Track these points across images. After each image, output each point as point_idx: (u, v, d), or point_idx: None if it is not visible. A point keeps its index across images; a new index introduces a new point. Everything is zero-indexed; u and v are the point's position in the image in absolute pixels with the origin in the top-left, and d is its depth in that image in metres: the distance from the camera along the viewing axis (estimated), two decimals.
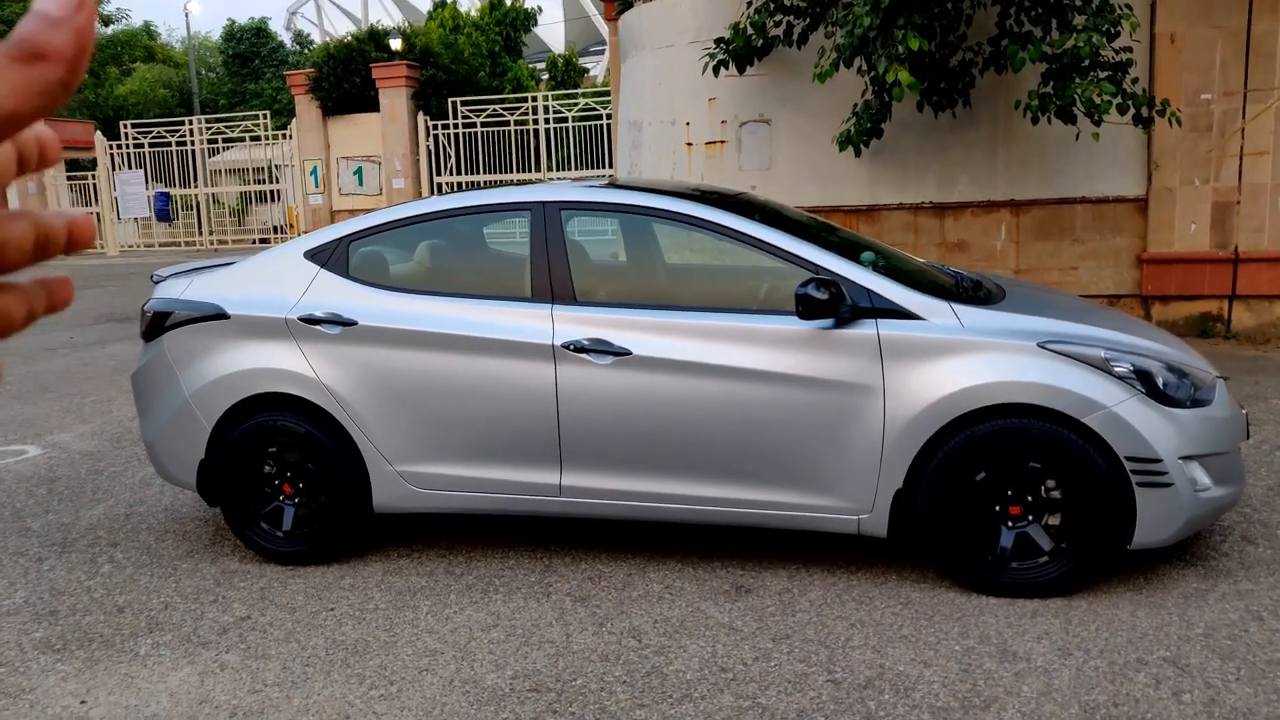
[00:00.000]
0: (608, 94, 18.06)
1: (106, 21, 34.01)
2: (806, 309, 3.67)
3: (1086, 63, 6.97)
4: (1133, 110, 7.19)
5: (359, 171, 21.93)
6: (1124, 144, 8.27)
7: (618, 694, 3.16)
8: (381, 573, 4.17)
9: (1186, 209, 8.31)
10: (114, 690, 3.31)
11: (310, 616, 3.79)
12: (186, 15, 36.21)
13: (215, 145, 24.09)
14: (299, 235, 4.81)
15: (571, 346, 3.92)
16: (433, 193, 19.99)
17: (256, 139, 23.24)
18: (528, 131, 20.09)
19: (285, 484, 4.30)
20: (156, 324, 4.42)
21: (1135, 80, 7.52)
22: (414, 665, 3.39)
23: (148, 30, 38.28)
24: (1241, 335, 8.35)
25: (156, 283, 4.61)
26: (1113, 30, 7.02)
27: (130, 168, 23.87)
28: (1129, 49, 7.44)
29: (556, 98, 20.57)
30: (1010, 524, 3.73)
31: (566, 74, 30.07)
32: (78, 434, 6.72)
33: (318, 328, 4.17)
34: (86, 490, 5.47)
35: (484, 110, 20.30)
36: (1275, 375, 7.07)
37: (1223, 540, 4.20)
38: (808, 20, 8.19)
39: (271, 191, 23.65)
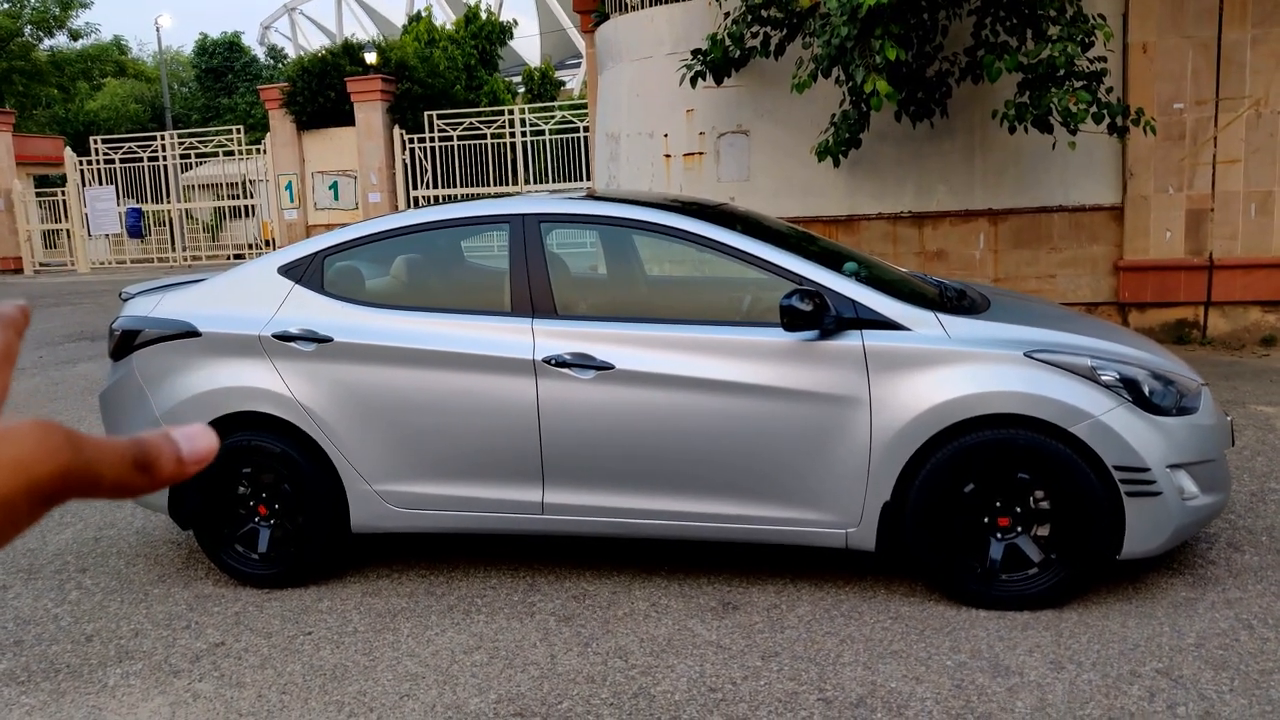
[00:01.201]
0: (584, 107, 18.05)
1: (75, 36, 33.65)
2: (791, 320, 3.62)
3: (1062, 72, 7.01)
4: (1108, 119, 7.22)
5: (334, 186, 21.78)
6: (1099, 153, 8.31)
7: (604, 717, 3.08)
8: (360, 594, 4.08)
9: (1161, 216, 8.36)
10: None
11: (287, 641, 3.69)
12: (158, 30, 35.88)
13: (188, 160, 23.88)
14: (274, 251, 4.72)
15: (553, 361, 3.86)
16: (409, 207, 19.88)
17: (230, 154, 23.04)
18: (504, 145, 20.03)
19: (260, 505, 4.20)
20: (125, 342, 4.31)
21: (1110, 90, 7.55)
22: (395, 690, 3.30)
23: (118, 45, 37.92)
24: (1217, 341, 8.40)
25: (125, 300, 4.51)
26: (1087, 40, 7.06)
27: (101, 184, 23.60)
28: (1103, 59, 7.48)
29: (533, 111, 20.53)
30: (999, 535, 3.69)
31: (543, 87, 30.04)
32: None
33: (292, 345, 4.08)
34: (54, 514, 5.33)
35: (460, 124, 20.23)
36: (1252, 380, 7.10)
37: (1209, 548, 4.18)
38: (785, 31, 8.19)
39: (246, 207, 23.45)
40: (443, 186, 20.48)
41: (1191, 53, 8.14)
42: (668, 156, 9.38)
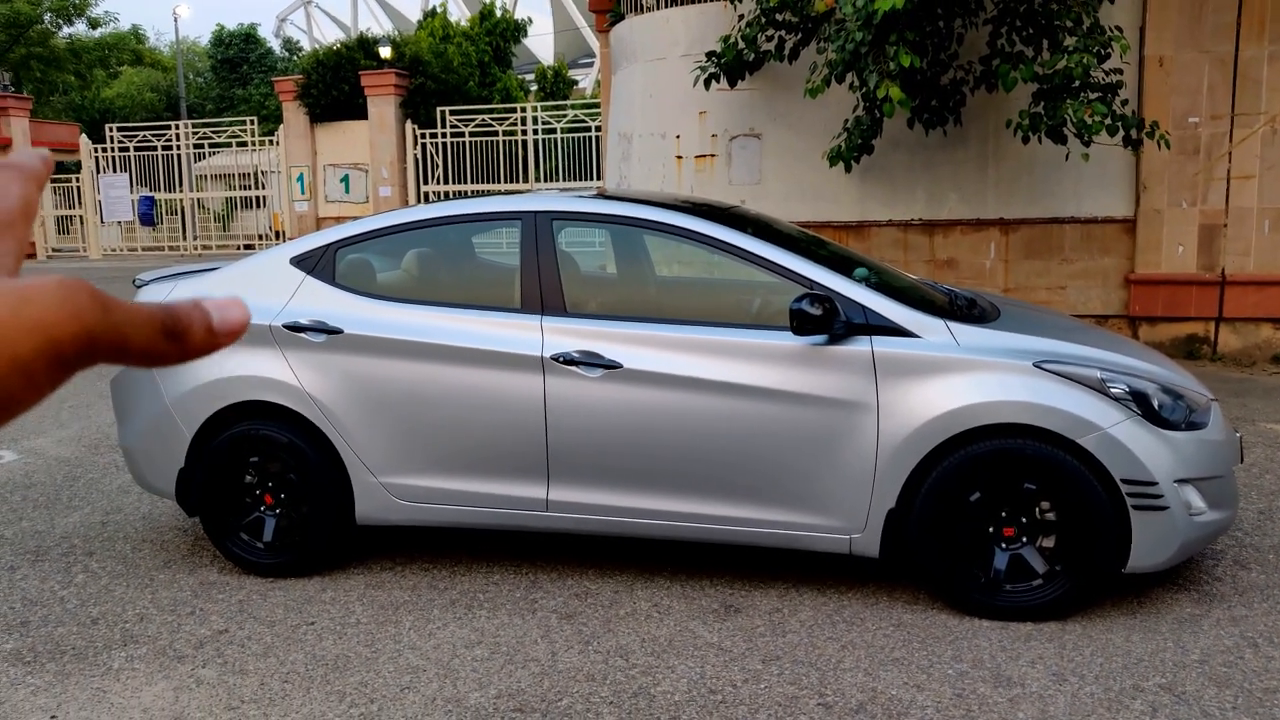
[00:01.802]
0: (597, 106, 18.07)
1: (94, 24, 33.79)
2: (800, 324, 3.62)
3: (1077, 84, 7.00)
4: (1122, 132, 7.21)
5: (346, 179, 21.83)
6: (1112, 165, 8.29)
7: (604, 715, 3.08)
8: (363, 586, 4.08)
9: (1174, 231, 8.33)
10: (85, 705, 3.22)
11: (290, 630, 3.70)
12: (175, 19, 36.02)
13: (201, 150, 23.94)
14: (284, 242, 4.73)
15: (561, 359, 3.86)
16: (419, 201, 19.91)
17: (243, 145, 23.09)
18: (516, 142, 20.04)
19: (266, 494, 4.22)
20: None
21: (1125, 102, 7.54)
22: (395, 683, 3.31)
23: (136, 34, 38.08)
24: (1227, 357, 8.37)
25: (139, 287, 4.53)
26: (1103, 52, 7.05)
27: (115, 171, 23.68)
28: (1119, 71, 7.47)
29: (545, 109, 20.54)
30: (1004, 545, 3.69)
31: (555, 85, 30.07)
32: (55, 439, 6.59)
33: (302, 335, 4.09)
34: (62, 497, 5.36)
35: (472, 120, 20.25)
36: (1262, 398, 7.07)
37: (1215, 565, 4.17)
38: (799, 35, 8.18)
39: (257, 198, 23.50)
40: (453, 182, 20.50)
41: (1208, 67, 8.12)
42: (679, 158, 9.38)
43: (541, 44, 43.35)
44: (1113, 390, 3.61)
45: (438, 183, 20.64)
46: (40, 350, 0.39)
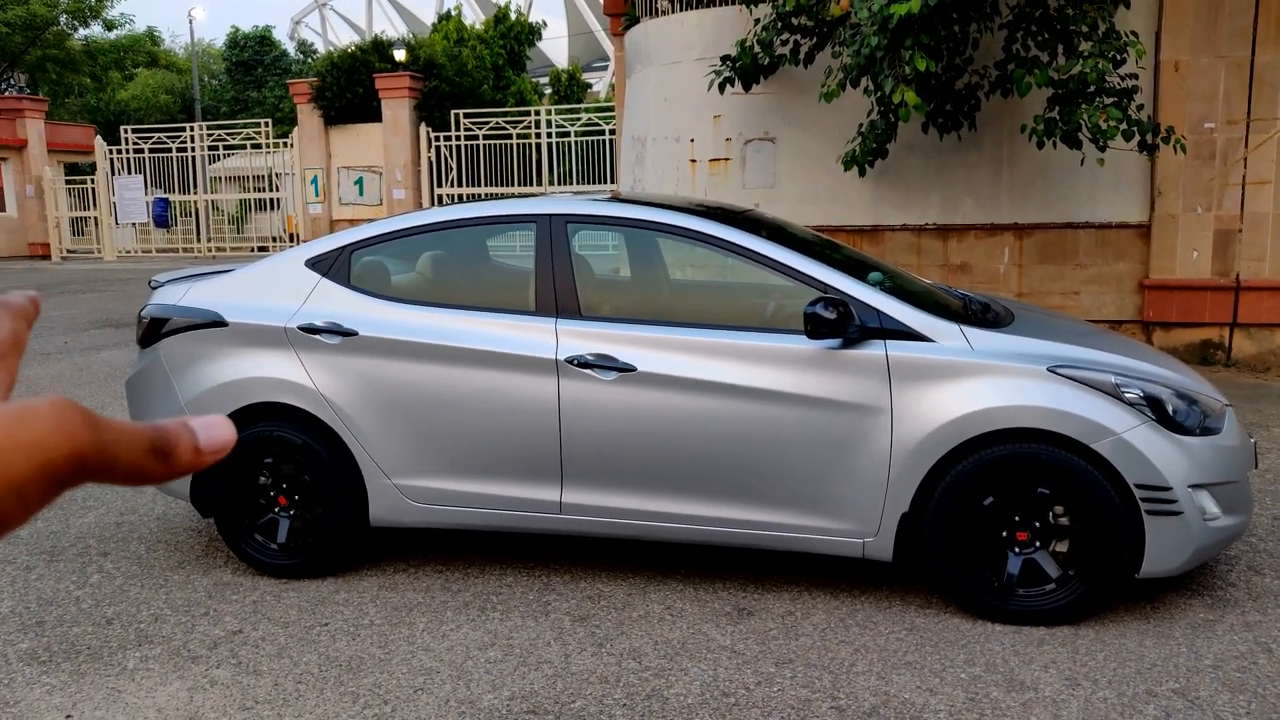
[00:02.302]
0: (611, 109, 18.10)
1: (110, 26, 34.02)
2: (814, 328, 3.62)
3: (1092, 88, 6.98)
4: (1138, 137, 7.18)
5: (360, 181, 21.92)
6: (1127, 170, 8.26)
7: (617, 717, 3.09)
8: (377, 588, 4.10)
9: (1189, 236, 8.30)
10: (100, 704, 3.24)
11: (304, 632, 3.72)
12: (190, 22, 36.25)
13: (216, 152, 24.07)
14: (299, 244, 4.76)
15: (575, 361, 3.87)
16: (433, 204, 19.97)
17: (257, 147, 23.22)
18: (530, 145, 20.09)
19: (281, 495, 4.24)
20: (153, 330, 4.36)
21: (1140, 107, 7.51)
22: (409, 684, 3.32)
23: (151, 36, 38.31)
24: (1242, 363, 8.33)
25: (154, 288, 4.56)
26: (1119, 57, 7.03)
27: (130, 173, 23.83)
28: (1134, 76, 7.44)
29: (560, 112, 20.59)
30: (1017, 550, 3.68)
31: (570, 89, 30.13)
32: None
33: (317, 337, 4.11)
34: (77, 498, 5.40)
35: (486, 123, 20.32)
36: (1277, 403, 7.04)
37: (1229, 570, 4.15)
38: (815, 40, 8.19)
39: (271, 200, 23.62)
40: (467, 185, 20.57)
41: (1224, 72, 8.08)
42: (693, 161, 9.39)
43: (556, 47, 43.44)
44: (1127, 395, 3.60)
45: (451, 185, 20.71)
46: (34, 471, 0.40)
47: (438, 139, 20.73)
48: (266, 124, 23.22)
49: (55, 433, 0.41)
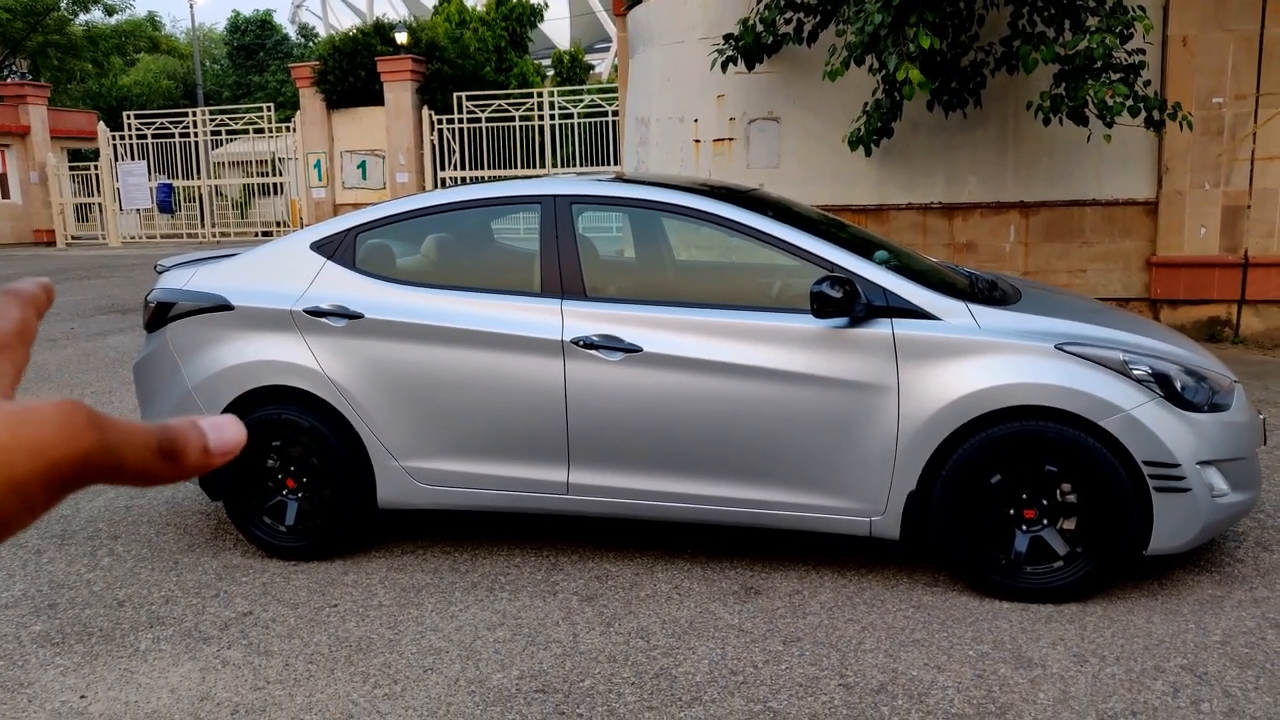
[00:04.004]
0: (614, 90, 18.02)
1: (110, 11, 33.91)
2: (821, 307, 3.61)
3: (1099, 64, 6.92)
4: (1144, 113, 7.13)
5: (363, 165, 21.88)
6: (1134, 146, 8.22)
7: (626, 696, 3.10)
8: (386, 569, 4.12)
9: (1196, 213, 8.26)
10: (114, 685, 3.26)
11: (313, 613, 3.74)
12: (191, 6, 36.11)
13: (219, 137, 24.04)
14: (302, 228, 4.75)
15: (581, 342, 3.87)
16: (436, 187, 19.95)
17: (260, 131, 23.18)
18: (533, 127, 20.03)
19: (289, 478, 4.25)
20: (160, 314, 4.36)
21: (1148, 83, 7.46)
22: (418, 664, 3.34)
23: (152, 21, 38.19)
24: (1250, 340, 8.30)
25: (160, 273, 4.56)
26: (1125, 32, 6.97)
27: (133, 159, 23.81)
28: (1142, 51, 7.38)
29: (562, 94, 20.51)
30: (1025, 528, 3.68)
31: (572, 70, 30.00)
32: None
33: (323, 320, 4.11)
34: None
35: (489, 105, 20.25)
36: None
37: (1237, 546, 4.15)
38: (818, 18, 8.13)
39: (275, 184, 23.60)
40: (470, 168, 20.52)
41: (1233, 47, 8.02)
42: (697, 142, 9.35)
43: (558, 28, 43.22)
44: (1135, 372, 3.59)
45: (454, 168, 20.66)
46: (38, 473, 0.39)
47: (440, 122, 20.67)
48: (269, 108, 23.17)
49: (60, 434, 0.40)
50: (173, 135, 23.64)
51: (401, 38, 21.92)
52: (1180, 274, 8.37)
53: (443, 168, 20.77)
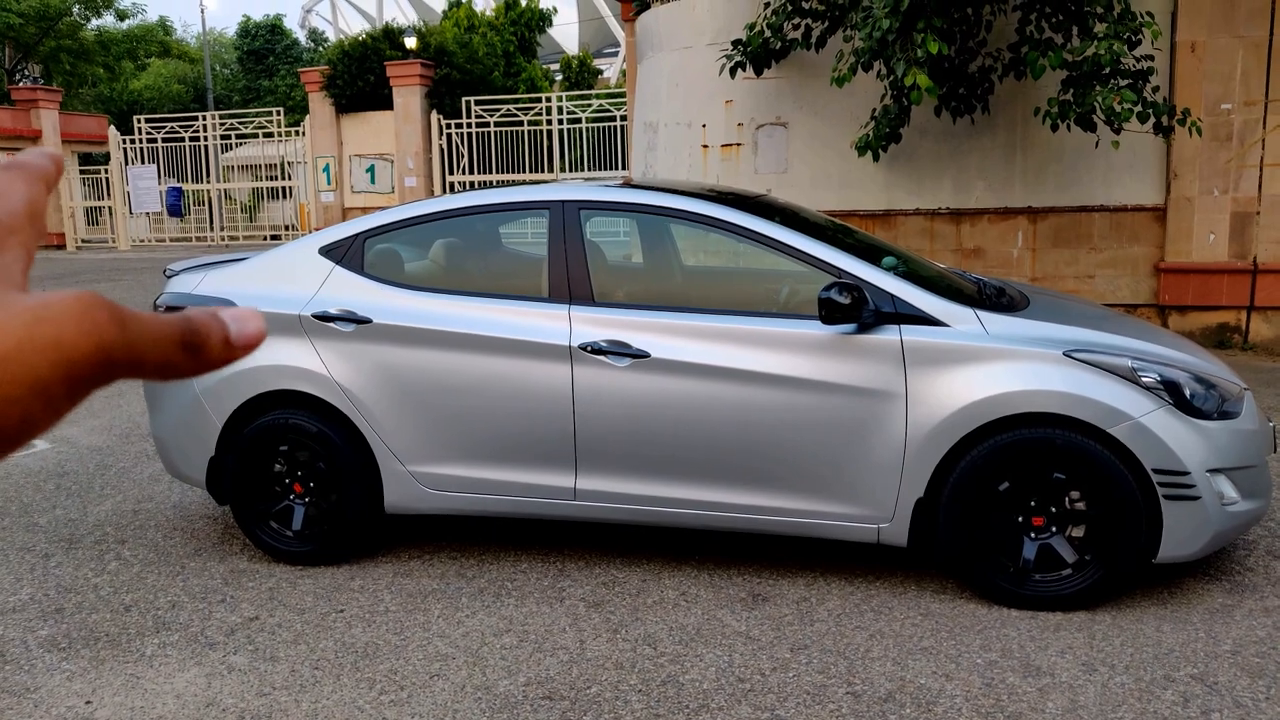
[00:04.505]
0: (622, 95, 18.04)
1: (122, 16, 34.07)
2: (829, 313, 3.61)
3: (1107, 70, 6.91)
4: (1153, 119, 7.11)
5: (371, 169, 21.92)
6: (1142, 152, 8.19)
7: (633, 703, 3.10)
8: (392, 574, 4.12)
9: (1205, 219, 8.23)
10: (119, 691, 3.27)
11: (320, 618, 3.74)
12: (202, 11, 36.31)
13: (228, 141, 24.11)
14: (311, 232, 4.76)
15: (589, 348, 3.87)
16: (445, 192, 19.98)
17: (270, 135, 23.25)
18: (541, 132, 20.05)
19: (296, 483, 4.25)
20: None
21: (1156, 89, 7.44)
22: (425, 670, 3.34)
23: (163, 25, 38.36)
24: (1259, 346, 8.26)
25: (169, 277, 4.57)
26: (1134, 38, 6.95)
27: (143, 162, 23.90)
28: (1150, 57, 7.37)
29: (571, 99, 20.53)
30: (1033, 535, 3.66)
31: (580, 75, 30.05)
32: (87, 429, 6.68)
33: (332, 325, 4.12)
34: (94, 486, 5.43)
35: (498, 110, 20.28)
36: None
37: (1248, 555, 4.13)
38: (826, 23, 8.13)
39: (284, 188, 23.66)
40: (478, 172, 20.55)
41: (1242, 53, 7.99)
42: (705, 147, 9.35)
43: (566, 34, 43.30)
44: (1144, 379, 3.57)
45: (463, 173, 20.69)
46: (58, 370, 0.38)
47: (449, 126, 20.70)
48: (278, 113, 23.24)
49: (79, 329, 0.38)
50: (183, 139, 23.72)
51: (410, 42, 21.96)
52: (1189, 280, 8.34)
53: (451, 172, 20.80)
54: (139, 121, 24.21)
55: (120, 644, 3.59)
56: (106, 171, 24.65)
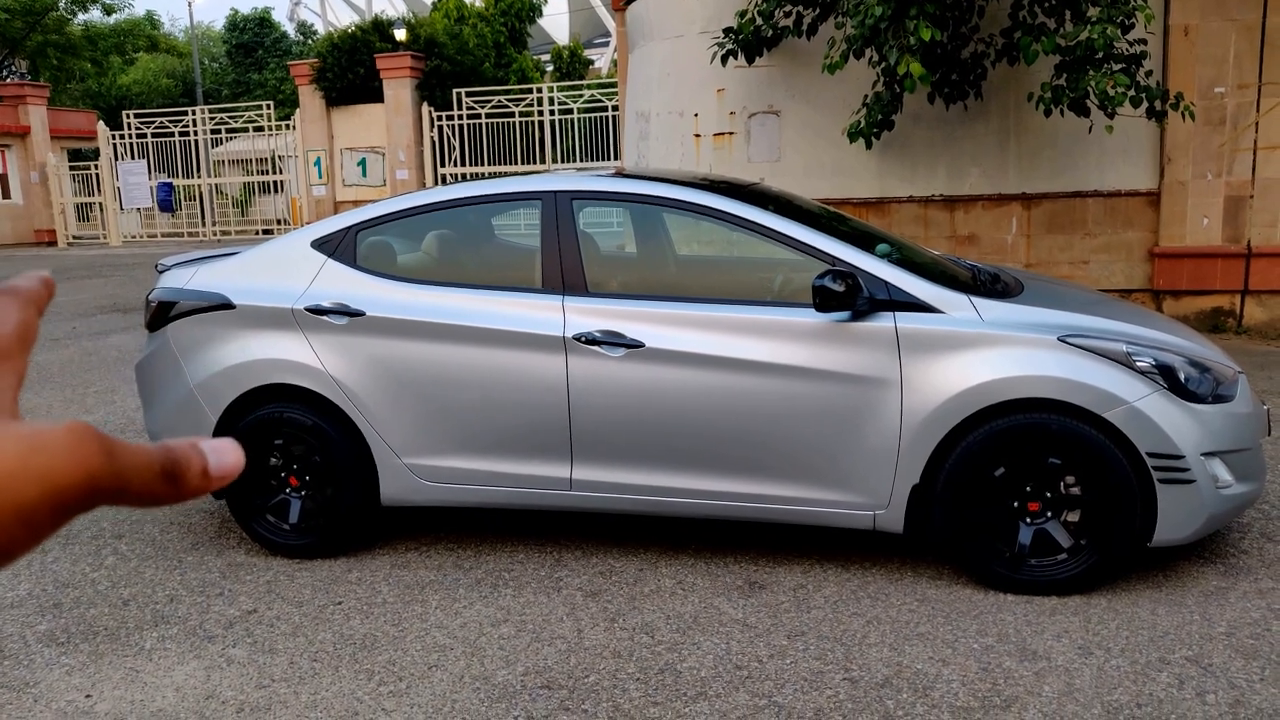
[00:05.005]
0: (614, 86, 18.00)
1: (109, 11, 33.88)
2: (823, 301, 3.61)
3: (1100, 55, 6.90)
4: (1146, 103, 7.12)
5: (363, 162, 21.85)
6: (1136, 137, 8.20)
7: (631, 691, 3.10)
8: (389, 566, 4.12)
9: (1199, 203, 8.24)
10: (119, 684, 3.27)
11: (318, 610, 3.74)
12: (190, 5, 36.09)
13: (218, 136, 24.02)
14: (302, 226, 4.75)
15: (583, 338, 3.86)
16: (436, 184, 19.92)
17: (260, 129, 23.15)
18: (533, 123, 20.00)
19: (292, 476, 4.25)
20: (161, 314, 4.36)
21: (1149, 73, 7.44)
22: (423, 661, 3.34)
23: (151, 20, 38.22)
24: (1253, 330, 8.29)
25: (161, 272, 4.56)
26: (1127, 22, 6.95)
27: (133, 158, 23.80)
28: (1143, 41, 7.37)
29: (562, 89, 20.47)
30: (1028, 520, 3.68)
31: (571, 66, 29.96)
32: None
33: (325, 318, 4.11)
34: None
35: (489, 101, 20.22)
36: None
37: (1242, 538, 4.14)
38: (817, 11, 8.12)
39: (275, 182, 23.58)
40: (470, 164, 20.50)
41: (1235, 36, 8.00)
42: (698, 136, 9.34)
43: (557, 24, 43.16)
44: (1139, 364, 3.58)
45: (455, 165, 20.64)
46: (46, 499, 0.39)
47: (440, 118, 20.64)
48: (268, 106, 23.15)
49: (69, 461, 0.40)
50: (172, 134, 23.62)
51: (400, 34, 21.88)
52: (1183, 265, 8.35)
53: (443, 164, 20.75)
54: (128, 117, 24.10)
55: (119, 638, 3.59)
56: (96, 167, 24.54)
